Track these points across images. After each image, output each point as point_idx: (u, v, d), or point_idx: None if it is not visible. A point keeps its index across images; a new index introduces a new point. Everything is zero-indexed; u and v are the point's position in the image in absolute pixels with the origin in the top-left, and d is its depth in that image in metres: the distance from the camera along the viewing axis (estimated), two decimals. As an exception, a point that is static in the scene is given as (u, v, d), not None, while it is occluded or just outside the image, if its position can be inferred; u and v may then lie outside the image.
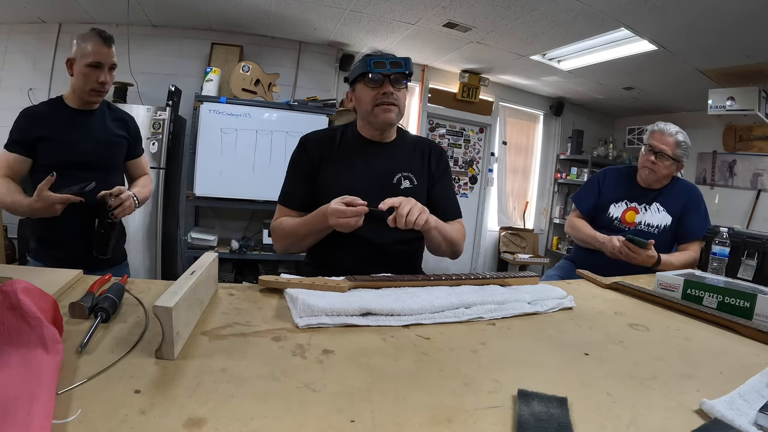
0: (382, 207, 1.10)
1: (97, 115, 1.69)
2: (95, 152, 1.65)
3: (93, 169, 1.62)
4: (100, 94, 1.63)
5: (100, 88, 1.60)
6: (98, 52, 1.55)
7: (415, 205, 1.13)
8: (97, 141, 1.66)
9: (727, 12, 2.60)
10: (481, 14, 3.19)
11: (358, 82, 1.33)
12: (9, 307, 0.55)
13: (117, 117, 1.77)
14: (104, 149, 1.69)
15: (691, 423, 0.56)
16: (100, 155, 1.67)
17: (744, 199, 4.39)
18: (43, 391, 0.44)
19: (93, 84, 1.58)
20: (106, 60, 1.58)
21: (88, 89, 1.59)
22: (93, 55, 1.55)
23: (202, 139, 3.52)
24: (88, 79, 1.57)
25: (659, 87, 4.24)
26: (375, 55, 1.30)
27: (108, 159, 1.72)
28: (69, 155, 1.59)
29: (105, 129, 1.70)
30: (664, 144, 1.83)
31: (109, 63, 1.59)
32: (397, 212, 1.10)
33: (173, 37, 3.90)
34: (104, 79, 1.59)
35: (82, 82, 1.58)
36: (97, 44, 1.56)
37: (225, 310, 0.81)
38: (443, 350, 0.72)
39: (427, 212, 1.16)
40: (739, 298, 1.07)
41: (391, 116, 1.32)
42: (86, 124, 1.65)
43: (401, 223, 1.11)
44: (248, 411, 0.49)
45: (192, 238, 3.60)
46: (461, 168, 5.17)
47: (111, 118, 1.74)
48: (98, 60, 1.56)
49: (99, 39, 1.56)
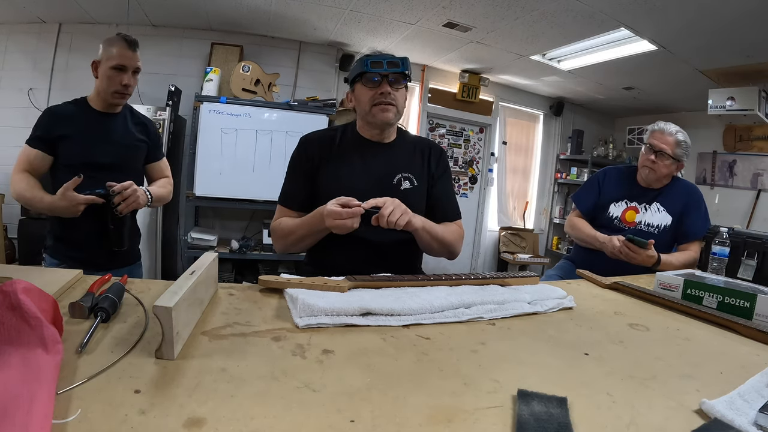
0: (365, 206, 1.12)
1: (119, 118, 1.73)
2: (116, 155, 1.68)
3: (112, 171, 1.64)
4: (123, 97, 1.66)
5: (123, 91, 1.63)
6: (122, 56, 1.60)
7: (398, 206, 1.14)
8: (118, 144, 1.69)
9: (727, 12, 2.60)
10: (481, 14, 3.19)
11: (357, 82, 1.33)
12: (9, 307, 0.55)
13: (138, 121, 1.81)
14: (125, 152, 1.72)
15: (691, 423, 0.56)
16: (121, 158, 1.70)
17: (744, 199, 4.39)
18: (42, 391, 0.44)
19: (116, 86, 1.62)
20: (129, 63, 1.61)
21: (111, 91, 1.63)
22: (117, 58, 1.59)
23: (202, 139, 3.52)
24: (111, 82, 1.61)
25: (659, 87, 4.24)
26: (373, 55, 1.30)
27: (128, 162, 1.75)
28: (90, 156, 1.61)
29: (126, 132, 1.74)
30: (664, 143, 1.83)
31: (132, 66, 1.63)
32: (380, 212, 1.12)
33: (173, 37, 3.90)
34: (127, 81, 1.62)
35: (106, 85, 1.62)
36: (122, 48, 1.60)
37: (225, 310, 0.81)
38: (443, 350, 0.72)
39: (410, 214, 1.17)
40: (739, 298, 1.07)
41: (388, 116, 1.32)
42: (108, 127, 1.68)
43: (383, 223, 1.12)
44: (248, 411, 0.49)
45: (192, 238, 3.60)
46: (461, 168, 5.17)
47: (133, 122, 1.78)
48: (122, 63, 1.60)
49: (124, 43, 1.61)
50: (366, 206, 1.12)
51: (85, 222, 1.57)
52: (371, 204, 1.12)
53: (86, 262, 1.30)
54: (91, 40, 3.66)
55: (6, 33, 3.58)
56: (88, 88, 1.74)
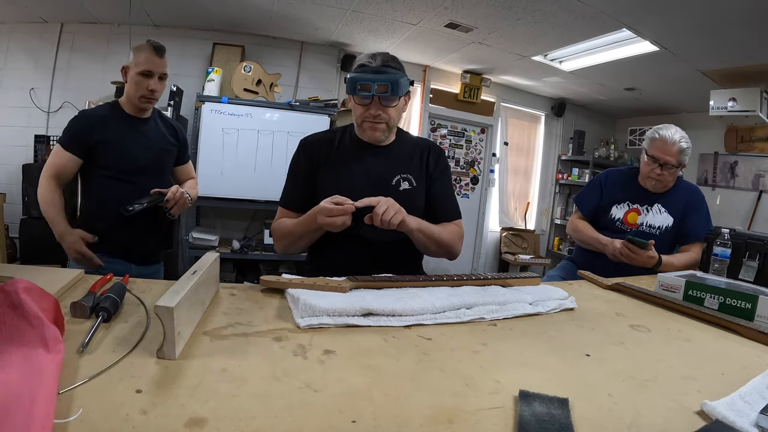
0: (358, 205, 1.12)
1: (151, 122, 1.79)
2: (151, 158, 1.76)
3: (147, 174, 1.74)
4: (150, 101, 1.72)
5: (150, 95, 1.69)
6: (149, 61, 1.65)
7: (392, 205, 1.14)
8: (152, 148, 1.77)
9: (728, 13, 2.59)
10: (483, 15, 3.19)
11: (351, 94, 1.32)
12: (10, 306, 0.55)
13: (168, 125, 1.88)
14: (159, 155, 1.80)
15: (692, 424, 0.56)
16: (156, 161, 1.78)
17: (745, 200, 4.38)
18: (44, 391, 0.44)
19: (143, 91, 1.67)
20: (156, 69, 1.67)
21: (138, 96, 1.68)
22: (144, 64, 1.65)
23: (203, 139, 3.52)
24: (139, 87, 1.66)
25: (661, 88, 4.24)
26: (366, 73, 1.25)
27: (161, 164, 1.83)
28: (128, 160, 1.69)
29: (159, 136, 1.81)
30: (668, 155, 1.79)
31: (159, 72, 1.68)
32: (374, 211, 1.11)
33: (175, 37, 3.90)
34: (154, 87, 1.68)
35: (134, 90, 1.68)
36: (149, 54, 1.66)
37: (226, 310, 0.82)
38: (444, 351, 0.72)
39: (404, 213, 1.16)
40: (740, 300, 1.07)
41: (377, 135, 1.32)
42: (143, 131, 1.75)
43: (376, 222, 1.12)
44: (249, 411, 0.49)
45: (193, 238, 3.60)
46: (462, 168, 5.17)
47: (163, 125, 1.85)
48: (149, 69, 1.65)
49: (151, 49, 1.66)
50: (359, 205, 1.12)
51: (137, 224, 1.68)
52: (365, 203, 1.12)
53: (126, 256, 1.69)
54: (93, 40, 3.68)
55: (8, 32, 3.58)
56: (89, 88, 1.77)
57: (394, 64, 1.29)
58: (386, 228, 1.13)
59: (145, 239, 1.78)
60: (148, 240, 1.80)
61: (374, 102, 1.27)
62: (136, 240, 1.74)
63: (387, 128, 1.33)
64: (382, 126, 1.31)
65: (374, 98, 1.27)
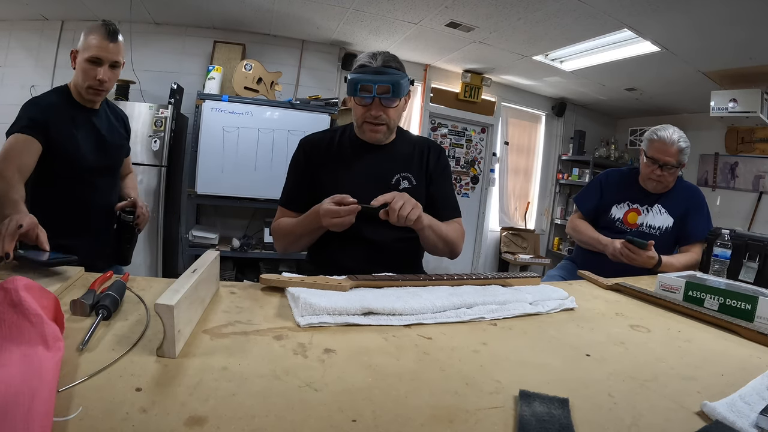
0: (374, 204, 1.10)
1: (102, 116, 1.58)
2: (109, 157, 1.60)
3: (105, 175, 1.59)
4: (98, 94, 1.48)
5: (98, 86, 1.44)
6: (99, 47, 1.40)
7: (408, 200, 1.13)
8: (108, 146, 1.58)
9: (729, 14, 2.59)
10: (484, 14, 3.19)
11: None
12: (10, 304, 0.55)
13: (118, 116, 1.70)
14: (115, 154, 1.64)
15: (692, 425, 0.56)
16: (112, 160, 1.63)
17: (746, 201, 4.38)
18: (43, 389, 0.44)
19: (91, 81, 1.43)
20: (106, 56, 1.41)
21: (85, 86, 1.44)
22: (93, 49, 1.40)
23: (203, 137, 3.52)
24: (86, 75, 1.43)
25: (661, 88, 4.23)
26: (366, 73, 1.24)
27: (118, 163, 1.68)
28: (82, 159, 1.49)
29: (112, 131, 1.62)
30: (668, 155, 1.79)
31: (110, 60, 1.43)
32: (390, 206, 1.10)
33: (176, 35, 3.90)
34: (103, 76, 1.42)
35: (81, 78, 1.44)
36: (100, 38, 1.40)
37: (226, 308, 0.81)
38: (445, 350, 0.72)
39: (420, 208, 1.15)
40: (740, 301, 1.07)
41: (377, 136, 1.32)
42: (95, 127, 1.54)
43: (393, 218, 1.10)
44: (249, 410, 0.49)
45: (193, 236, 3.60)
46: (463, 168, 5.17)
47: (114, 118, 1.67)
48: (97, 55, 1.40)
49: (103, 32, 1.41)
50: (375, 204, 1.11)
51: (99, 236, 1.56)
52: (381, 201, 1.11)
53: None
54: (94, 38, 3.68)
55: (8, 30, 3.58)
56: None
57: (395, 64, 1.28)
58: (401, 224, 1.12)
59: (102, 253, 1.58)
60: (103, 255, 1.59)
61: (375, 103, 1.27)
62: (91, 254, 1.44)
63: (387, 129, 1.33)
64: (383, 128, 1.32)
65: (375, 99, 1.26)
